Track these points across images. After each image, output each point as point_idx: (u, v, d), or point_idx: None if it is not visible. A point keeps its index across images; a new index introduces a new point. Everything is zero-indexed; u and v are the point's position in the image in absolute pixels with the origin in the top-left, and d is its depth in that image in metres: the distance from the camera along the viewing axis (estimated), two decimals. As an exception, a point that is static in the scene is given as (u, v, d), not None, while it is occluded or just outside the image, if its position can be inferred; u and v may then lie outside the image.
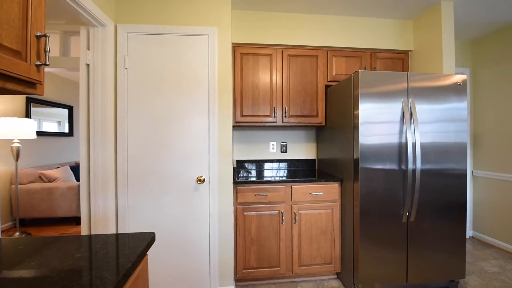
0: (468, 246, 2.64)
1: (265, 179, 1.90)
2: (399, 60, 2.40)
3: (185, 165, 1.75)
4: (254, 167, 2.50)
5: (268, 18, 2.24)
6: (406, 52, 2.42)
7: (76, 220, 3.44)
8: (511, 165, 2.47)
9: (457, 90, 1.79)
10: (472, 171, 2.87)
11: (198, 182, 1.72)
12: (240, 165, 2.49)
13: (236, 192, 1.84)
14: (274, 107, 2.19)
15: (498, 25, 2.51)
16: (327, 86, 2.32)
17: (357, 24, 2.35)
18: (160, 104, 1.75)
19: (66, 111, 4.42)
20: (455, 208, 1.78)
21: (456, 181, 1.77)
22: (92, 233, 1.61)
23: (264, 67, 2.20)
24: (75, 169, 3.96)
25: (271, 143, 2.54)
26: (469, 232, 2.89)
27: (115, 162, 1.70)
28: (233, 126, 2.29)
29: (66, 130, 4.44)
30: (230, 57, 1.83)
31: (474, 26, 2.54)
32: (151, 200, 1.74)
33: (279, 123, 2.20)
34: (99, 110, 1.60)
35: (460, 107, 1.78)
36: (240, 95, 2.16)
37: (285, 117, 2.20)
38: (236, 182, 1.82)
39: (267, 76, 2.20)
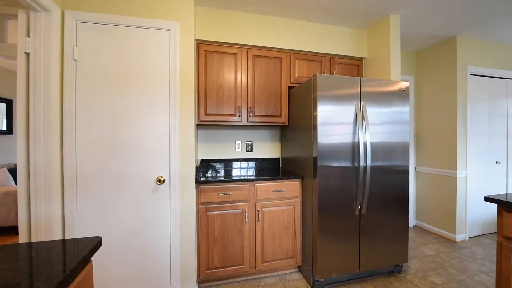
0: (412, 234, 2.98)
1: (228, 178, 1.90)
2: (355, 66, 2.60)
3: (143, 165, 1.67)
4: (219, 167, 2.49)
5: (234, 17, 2.24)
6: (361, 59, 2.63)
7: (16, 230, 3.03)
8: (446, 162, 2.85)
9: (401, 95, 2.00)
10: (416, 167, 3.24)
11: (158, 183, 1.65)
12: (204, 164, 2.45)
13: (198, 192, 1.81)
14: (239, 107, 2.20)
15: (437, 39, 2.87)
16: (290, 88, 2.41)
17: (319, 30, 2.49)
18: (116, 100, 1.64)
19: (3, 106, 3.86)
20: (400, 200, 1.99)
21: (400, 176, 1.99)
22: (33, 242, 1.44)
23: (229, 66, 2.20)
24: (15, 171, 3.48)
25: (237, 142, 2.55)
26: (413, 221, 3.26)
27: (61, 163, 1.55)
28: (197, 125, 2.25)
29: (4, 127, 3.88)
30: (193, 54, 1.79)
31: (418, 39, 2.87)
32: (105, 203, 1.61)
33: (244, 122, 2.22)
34: (41, 105, 1.43)
35: (403, 110, 2.00)
36: (204, 93, 2.13)
37: (250, 116, 2.23)
38: (198, 182, 1.79)
39: (232, 75, 2.20)
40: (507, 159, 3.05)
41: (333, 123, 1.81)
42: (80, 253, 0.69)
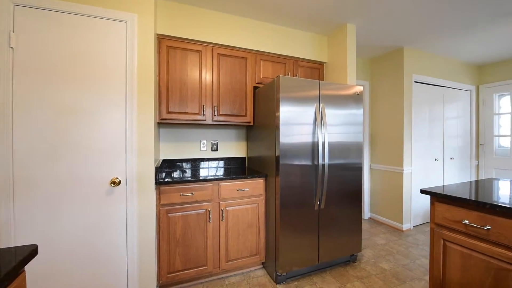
0: (366, 225, 3.26)
1: (191, 178, 1.86)
2: (316, 70, 2.74)
3: (95, 166, 1.54)
4: (183, 167, 2.42)
5: (199, 14, 2.20)
6: (322, 63, 2.79)
7: None
8: (394, 159, 3.17)
9: (356, 99, 2.17)
10: (370, 165, 3.54)
11: (113, 185, 1.54)
12: (167, 164, 2.36)
13: (159, 193, 1.74)
14: (203, 105, 2.16)
15: (388, 49, 3.17)
16: (255, 88, 2.44)
17: (284, 33, 2.57)
18: (64, 95, 1.49)
19: None
20: (354, 195, 2.16)
21: (355, 173, 2.16)
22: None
23: (193, 64, 2.15)
24: None
25: (202, 141, 2.51)
26: (368, 214, 3.57)
27: (-7, 164, 1.35)
28: (158, 123, 2.16)
29: None
30: (153, 49, 1.71)
31: (372, 48, 3.14)
32: (50, 209, 1.46)
33: (209, 122, 2.19)
34: (-35, 98, 1.24)
35: (358, 113, 2.17)
36: (166, 91, 2.05)
37: (215, 115, 2.21)
38: (159, 183, 1.72)
39: (196, 73, 2.16)
40: (443, 156, 3.51)
41: (295, 123, 1.89)
42: (9, 263, 0.62)
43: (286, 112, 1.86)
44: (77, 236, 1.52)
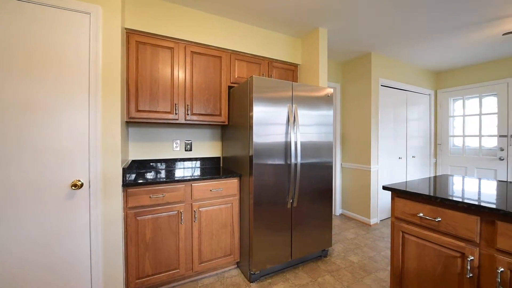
0: (338, 221, 3.41)
1: (162, 179, 1.80)
2: (290, 71, 2.80)
3: (54, 168, 1.43)
4: (154, 167, 2.33)
5: (172, 9, 2.13)
6: (296, 65, 2.86)
7: None
8: (363, 158, 3.36)
9: (327, 100, 2.26)
10: (341, 163, 3.71)
11: (74, 188, 1.44)
12: (137, 165, 2.25)
13: (126, 195, 1.66)
14: (176, 104, 2.10)
15: (357, 53, 3.35)
16: (230, 87, 2.43)
17: (259, 34, 2.58)
18: (19, 90, 1.35)
19: None
20: (325, 192, 2.25)
21: (326, 171, 2.25)
22: None
23: (164, 61, 2.08)
24: None
25: (174, 141, 2.44)
26: (339, 210, 3.74)
27: None
28: (127, 122, 2.06)
29: None
30: (119, 43, 1.62)
31: (343, 52, 3.28)
32: (-2, 215, 1.32)
33: (181, 121, 2.14)
34: None
35: (328, 114, 2.26)
36: (135, 88, 1.96)
37: (188, 114, 2.16)
38: (126, 185, 1.64)
39: (168, 70, 2.09)
40: (406, 155, 3.79)
41: (268, 123, 1.91)
42: None
43: (260, 112, 1.88)
44: (34, 244, 1.39)
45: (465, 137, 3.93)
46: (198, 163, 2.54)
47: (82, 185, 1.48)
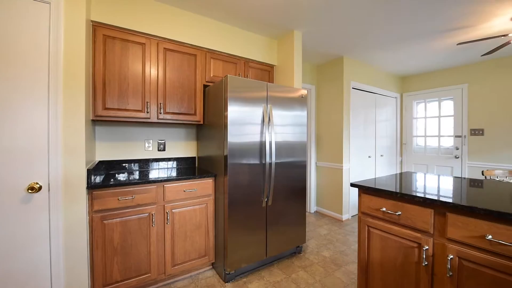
0: (312, 218, 3.53)
1: (132, 180, 1.73)
2: (266, 72, 2.84)
3: (6, 169, 1.30)
4: (125, 168, 2.22)
5: (144, 3, 2.04)
6: (272, 66, 2.90)
7: None
8: (335, 157, 3.50)
9: (301, 101, 2.33)
10: (316, 162, 3.84)
11: (31, 191, 1.32)
12: (105, 166, 2.13)
13: (92, 198, 1.56)
14: (147, 102, 2.02)
15: (331, 57, 3.48)
16: (205, 86, 2.40)
17: (236, 34, 2.58)
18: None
19: None
20: (299, 191, 2.32)
21: (300, 170, 2.31)
22: None
23: (135, 57, 1.99)
24: None
25: (147, 141, 2.34)
26: (314, 208, 3.86)
27: None
28: (93, 121, 1.94)
29: None
30: (84, 36, 1.52)
31: (318, 55, 3.40)
32: None
33: (154, 120, 2.06)
34: None
35: (302, 114, 2.33)
36: (103, 85, 1.85)
37: (161, 113, 2.09)
38: (92, 187, 1.54)
39: (139, 67, 2.01)
40: (375, 154, 4.03)
41: (243, 123, 1.92)
42: None
43: (235, 112, 1.88)
44: (-20, 255, 1.25)
45: (427, 137, 4.27)
46: (172, 164, 2.47)
47: (40, 188, 1.36)
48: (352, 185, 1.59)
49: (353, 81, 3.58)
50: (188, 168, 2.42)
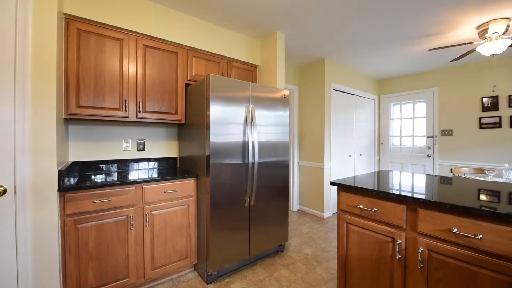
0: (295, 217, 3.59)
1: (109, 181, 1.65)
2: (250, 72, 2.84)
3: (-36, 171, 1.19)
4: (101, 169, 2.12)
5: (121, -2, 1.96)
6: (255, 66, 2.91)
7: None
8: (317, 156, 3.59)
9: (283, 102, 2.36)
10: (299, 162, 3.91)
11: (-7, 195, 1.22)
12: (79, 167, 2.02)
13: (64, 201, 1.47)
14: (126, 100, 1.95)
15: (313, 58, 3.56)
16: (187, 85, 2.36)
17: (218, 33, 2.56)
18: None
19: None
20: (282, 190, 2.35)
21: (282, 170, 2.34)
22: None
23: (112, 53, 1.91)
24: None
25: (125, 140, 2.25)
26: (297, 207, 3.93)
27: None
28: (67, 119, 1.83)
29: None
30: (55, 30, 1.43)
31: (300, 56, 3.46)
32: None
33: (132, 119, 1.99)
34: None
35: (285, 115, 2.36)
36: (76, 81, 1.76)
37: (140, 112, 2.02)
38: (64, 189, 1.46)
39: (117, 64, 1.93)
40: (355, 153, 4.18)
41: (225, 123, 1.91)
42: None
43: (217, 111, 1.86)
44: None
45: (402, 137, 4.51)
46: (153, 164, 2.40)
47: (5, 191, 1.27)
48: (332, 183, 1.64)
49: (334, 83, 3.69)
50: (169, 169, 2.36)
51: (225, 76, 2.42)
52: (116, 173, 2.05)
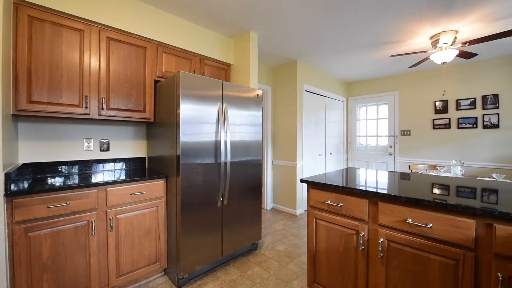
0: (269, 215, 3.64)
1: (66, 184, 1.52)
2: (223, 70, 2.81)
3: None
4: (58, 171, 1.94)
5: (80, -15, 1.81)
6: (228, 65, 2.89)
7: None
8: (290, 155, 3.68)
9: (256, 101, 2.38)
10: (273, 161, 3.97)
11: None
12: (31, 169, 1.82)
13: (12, 207, 1.32)
14: (86, 96, 1.80)
15: (286, 60, 3.64)
16: (156, 81, 2.26)
17: (191, 29, 2.49)
18: None
19: None
20: (255, 189, 2.36)
21: (255, 169, 2.36)
22: None
23: (71, 44, 1.75)
24: None
25: (86, 140, 2.09)
26: (271, 205, 3.99)
27: None
28: (15, 116, 1.64)
29: None
30: (0, 16, 1.27)
31: (274, 57, 3.51)
32: None
33: (94, 116, 1.85)
34: None
35: (258, 114, 2.38)
36: (28, 74, 1.58)
37: (103, 109, 1.88)
38: (12, 194, 1.30)
39: (76, 56, 1.77)
40: (325, 152, 4.37)
41: (197, 122, 1.87)
42: None
43: (188, 110, 1.81)
44: None
45: (367, 137, 4.82)
46: (119, 165, 2.25)
47: None
48: (302, 181, 1.70)
49: (306, 84, 3.81)
50: (136, 170, 2.24)
51: (197, 74, 2.37)
52: (77, 175, 1.89)
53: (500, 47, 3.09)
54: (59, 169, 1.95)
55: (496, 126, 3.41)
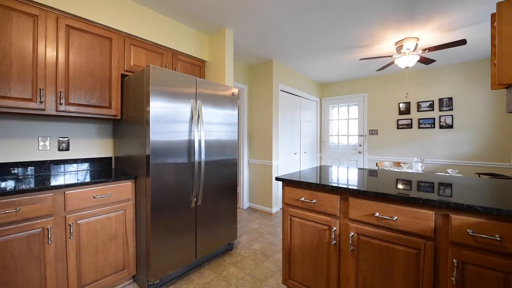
0: (245, 214, 3.62)
1: (15, 188, 1.35)
2: (197, 67, 2.73)
3: None
4: (8, 173, 1.72)
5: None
6: (203, 61, 2.81)
7: None
8: (266, 154, 3.70)
9: (232, 100, 2.34)
10: (249, 160, 3.96)
11: None
12: (-27, 172, 1.59)
13: None
14: (41, 89, 1.62)
15: (262, 59, 3.64)
16: (124, 75, 2.11)
17: (163, 22, 2.37)
18: None
19: None
20: (230, 188, 2.33)
21: (230, 168, 2.32)
22: None
23: (23, 31, 1.56)
24: None
25: (42, 138, 1.88)
26: (247, 204, 3.98)
27: None
28: (-51, 110, 1.42)
29: None
30: None
31: (250, 56, 3.49)
32: None
33: (51, 112, 1.67)
34: None
35: (233, 113, 2.35)
36: (-35, 62, 1.37)
37: (61, 104, 1.71)
38: None
39: (29, 45, 1.58)
40: (300, 151, 4.47)
41: (169, 120, 1.78)
42: None
43: (159, 107, 1.72)
44: None
45: (339, 136, 5.03)
46: (82, 166, 2.07)
47: None
48: (277, 179, 1.70)
49: (282, 84, 3.86)
50: (102, 171, 2.07)
51: (169, 69, 2.27)
52: (32, 178, 1.69)
53: (453, 55, 3.42)
54: (11, 171, 1.73)
55: (451, 126, 3.78)
